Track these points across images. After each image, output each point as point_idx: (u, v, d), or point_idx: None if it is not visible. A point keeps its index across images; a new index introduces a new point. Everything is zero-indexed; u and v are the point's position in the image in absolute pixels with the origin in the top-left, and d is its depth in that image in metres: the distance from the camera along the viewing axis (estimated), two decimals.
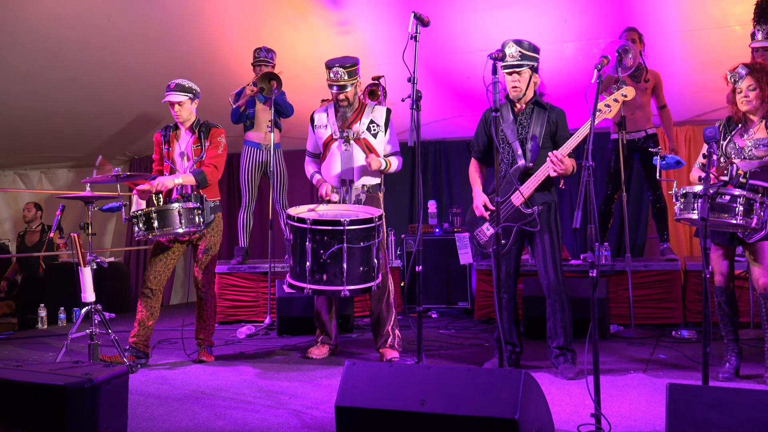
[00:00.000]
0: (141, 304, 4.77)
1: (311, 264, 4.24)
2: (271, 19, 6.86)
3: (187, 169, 4.77)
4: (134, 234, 4.54)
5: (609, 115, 4.07)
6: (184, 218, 4.50)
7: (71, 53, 6.79)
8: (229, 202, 8.92)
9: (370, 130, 4.83)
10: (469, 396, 2.68)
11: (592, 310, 3.08)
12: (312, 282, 4.25)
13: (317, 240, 4.23)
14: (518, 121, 4.32)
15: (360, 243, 4.25)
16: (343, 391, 2.88)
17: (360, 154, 4.80)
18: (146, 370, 4.63)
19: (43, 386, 2.89)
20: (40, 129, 8.07)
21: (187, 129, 4.86)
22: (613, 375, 4.21)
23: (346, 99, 4.77)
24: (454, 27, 6.64)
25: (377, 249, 4.38)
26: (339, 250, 4.21)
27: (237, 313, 6.62)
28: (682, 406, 2.62)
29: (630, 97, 4.11)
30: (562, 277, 4.25)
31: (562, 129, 4.29)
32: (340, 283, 4.23)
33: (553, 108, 4.34)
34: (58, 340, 5.90)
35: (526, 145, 4.25)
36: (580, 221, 3.10)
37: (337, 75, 4.69)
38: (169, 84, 4.77)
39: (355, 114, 4.85)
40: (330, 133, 4.87)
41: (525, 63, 4.21)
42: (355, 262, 4.25)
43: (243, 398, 3.88)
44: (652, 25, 6.38)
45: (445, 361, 4.81)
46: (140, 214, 4.46)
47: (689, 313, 5.80)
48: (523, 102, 4.32)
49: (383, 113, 4.89)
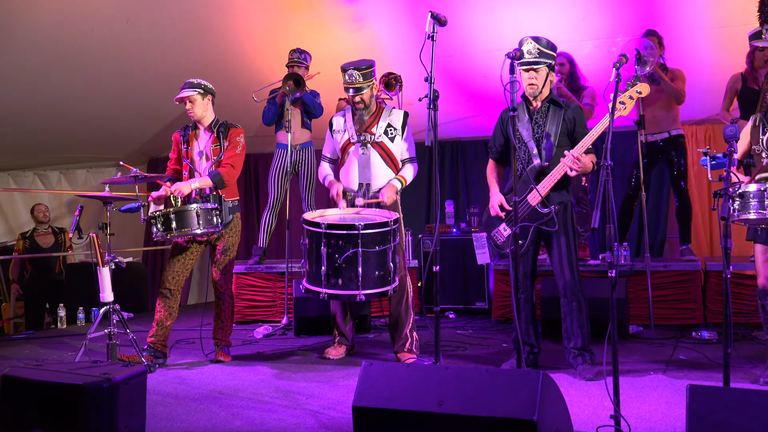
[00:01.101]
0: (159, 304, 4.80)
1: (326, 268, 4.26)
2: (291, 18, 6.88)
3: (206, 169, 4.79)
4: (152, 235, 4.57)
5: (624, 113, 4.04)
6: (202, 219, 4.52)
7: (90, 54, 6.84)
8: (246, 202, 8.96)
9: (387, 134, 4.83)
10: (487, 397, 2.68)
11: (611, 310, 3.06)
12: (327, 286, 4.27)
13: (332, 244, 4.25)
14: (534, 120, 4.30)
15: (375, 247, 4.26)
16: (361, 391, 2.88)
17: (377, 158, 4.80)
18: (164, 370, 4.66)
19: (63, 386, 2.92)
20: (59, 130, 8.13)
21: (205, 129, 4.88)
22: (632, 376, 4.18)
23: (362, 101, 4.78)
24: (471, 26, 6.63)
25: (393, 252, 4.38)
26: (354, 254, 4.22)
27: (254, 313, 6.65)
28: (703, 408, 2.60)
29: (644, 93, 4.08)
30: (578, 276, 4.23)
31: (580, 126, 4.26)
32: (356, 288, 4.24)
33: (569, 105, 4.31)
34: (77, 340, 5.96)
35: (541, 144, 4.24)
36: (599, 221, 3.09)
37: (352, 77, 4.70)
38: (182, 84, 4.82)
39: (373, 117, 4.85)
40: (347, 137, 4.87)
41: (542, 60, 4.19)
42: (370, 267, 4.26)
43: (260, 398, 3.89)
44: (674, 21, 6.33)
45: (463, 361, 4.80)
46: (158, 214, 4.48)
47: (710, 313, 5.75)
48: (539, 100, 4.30)
49: (400, 117, 4.88)
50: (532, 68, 4.20)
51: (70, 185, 9.77)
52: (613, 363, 3.08)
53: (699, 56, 6.65)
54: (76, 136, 8.42)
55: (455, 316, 6.88)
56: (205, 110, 4.84)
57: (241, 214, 4.99)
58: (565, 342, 4.28)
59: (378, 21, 6.85)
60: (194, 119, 4.85)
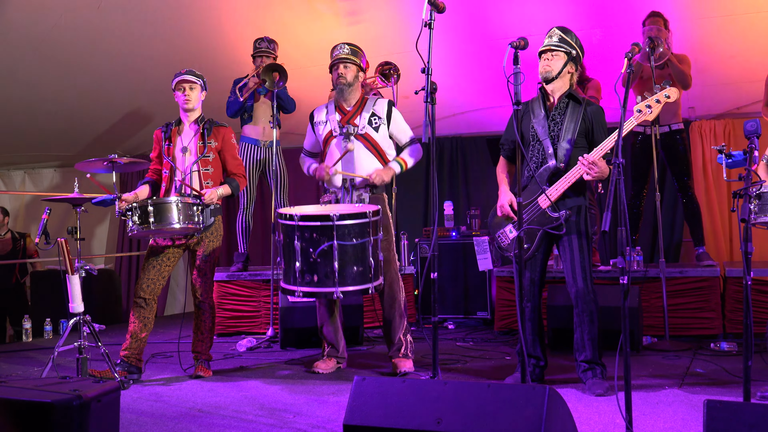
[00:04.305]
0: (133, 315, 4.79)
1: (301, 264, 4.25)
2: (276, 7, 6.89)
3: (190, 166, 4.81)
4: (127, 230, 4.56)
5: (649, 117, 4.05)
6: (182, 214, 4.52)
7: (58, 43, 6.83)
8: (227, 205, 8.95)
9: (371, 124, 4.87)
10: (489, 414, 2.68)
11: (623, 320, 3.07)
12: (303, 284, 4.27)
13: (306, 237, 4.25)
14: (551, 116, 4.29)
15: (353, 240, 4.25)
16: (352, 408, 2.88)
17: (363, 151, 4.84)
18: (139, 386, 4.65)
19: (29, 403, 2.91)
20: (24, 125, 8.11)
21: (192, 122, 4.92)
22: (645, 391, 4.20)
23: (344, 77, 4.85)
24: (472, 13, 6.65)
25: (374, 247, 4.37)
26: (329, 248, 4.20)
27: (237, 324, 6.64)
28: (722, 425, 2.61)
29: (673, 98, 4.05)
30: (592, 285, 4.23)
31: (598, 128, 4.25)
32: (332, 284, 4.23)
33: (591, 103, 4.31)
34: (43, 354, 5.94)
35: (558, 143, 4.23)
36: (610, 223, 3.10)
37: (340, 50, 4.85)
38: (180, 71, 4.88)
39: (355, 108, 4.90)
40: (330, 129, 4.92)
41: (563, 46, 4.22)
42: (348, 261, 4.25)
43: (243, 416, 3.89)
44: (686, 8, 6.36)
45: (463, 376, 4.81)
46: (135, 206, 4.47)
47: (729, 323, 5.76)
48: (557, 94, 4.31)
49: (384, 105, 4.94)
50: (550, 50, 4.23)
51: (35, 186, 9.75)
52: (625, 377, 3.09)
53: (713, 46, 6.67)
54: (42, 132, 8.39)
55: (455, 327, 6.89)
56: (198, 103, 4.92)
57: (223, 218, 4.99)
58: (576, 355, 4.29)
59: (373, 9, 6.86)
60: (186, 107, 4.88)
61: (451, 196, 8.31)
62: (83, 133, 8.54)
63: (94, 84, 7.51)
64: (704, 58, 6.38)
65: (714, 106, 7.36)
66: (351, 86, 4.89)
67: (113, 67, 7.29)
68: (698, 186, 7.43)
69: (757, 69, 6.24)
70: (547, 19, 6.34)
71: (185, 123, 4.94)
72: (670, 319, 5.66)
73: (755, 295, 5.33)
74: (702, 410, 2.68)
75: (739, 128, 7.28)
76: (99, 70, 7.31)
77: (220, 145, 4.90)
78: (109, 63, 7.22)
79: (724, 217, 7.47)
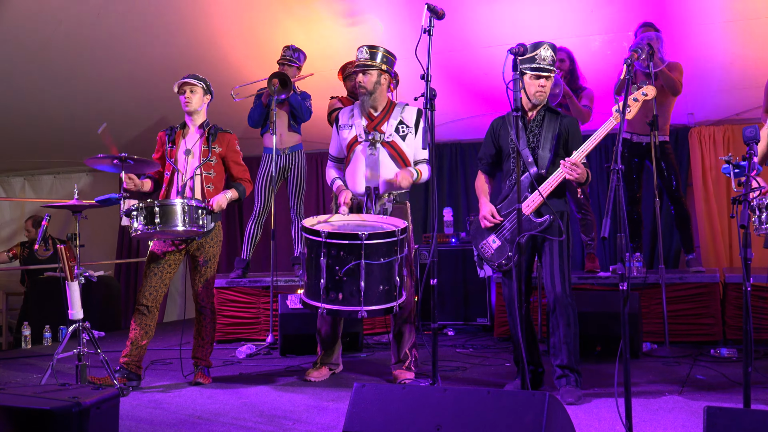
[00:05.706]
0: (135, 322, 4.78)
1: (326, 281, 4.16)
2: (273, 12, 6.89)
3: (193, 169, 4.81)
4: (131, 231, 4.55)
5: (628, 116, 4.07)
6: (187, 216, 4.51)
7: (57, 51, 6.85)
8: (228, 211, 8.95)
9: (398, 132, 4.78)
10: (489, 421, 2.68)
11: (623, 326, 3.08)
12: (327, 301, 4.18)
13: (332, 255, 4.15)
14: (529, 128, 4.34)
15: (380, 259, 4.17)
16: (352, 415, 2.88)
17: (387, 159, 4.75)
18: (138, 393, 4.65)
19: (28, 411, 2.90)
20: (23, 132, 8.12)
21: (197, 127, 4.94)
22: (645, 397, 4.20)
23: (363, 86, 4.76)
24: (472, 19, 6.65)
25: (400, 265, 4.30)
26: (356, 266, 4.13)
27: (236, 331, 6.64)
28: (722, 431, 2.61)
29: (650, 96, 4.11)
30: (570, 290, 4.25)
31: (573, 137, 4.31)
32: (357, 303, 4.15)
33: (565, 116, 4.38)
34: (43, 361, 5.93)
35: (537, 152, 4.28)
36: (609, 229, 3.10)
37: (359, 54, 4.77)
38: (184, 76, 4.91)
39: (383, 113, 4.82)
40: (355, 135, 4.83)
41: (553, 69, 4.26)
42: (374, 280, 4.17)
43: (243, 423, 3.88)
44: (687, 15, 6.37)
45: (463, 382, 4.80)
46: (141, 206, 4.46)
47: (729, 329, 5.77)
48: (535, 110, 4.35)
49: (413, 113, 4.82)
50: (546, 76, 4.24)
51: (35, 192, 9.75)
52: (625, 383, 3.09)
53: (714, 52, 6.69)
54: (41, 139, 8.40)
55: (454, 334, 6.89)
56: (201, 105, 4.93)
57: (222, 223, 5.00)
58: (552, 359, 4.29)
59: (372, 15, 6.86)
60: (188, 109, 4.89)
61: (451, 202, 8.32)
62: (81, 140, 8.52)
63: (92, 91, 7.51)
64: (703, 65, 6.39)
65: (713, 112, 7.37)
66: (373, 93, 4.78)
67: (112, 75, 7.30)
68: (697, 192, 7.45)
69: (756, 75, 6.26)
70: (545, 26, 6.36)
71: (190, 126, 4.95)
72: (670, 325, 5.66)
73: (755, 301, 5.33)
74: (702, 417, 2.68)
75: (738, 134, 7.30)
76: (98, 78, 7.32)
77: (225, 151, 4.91)
78: (108, 70, 7.24)
79: (724, 223, 7.47)
